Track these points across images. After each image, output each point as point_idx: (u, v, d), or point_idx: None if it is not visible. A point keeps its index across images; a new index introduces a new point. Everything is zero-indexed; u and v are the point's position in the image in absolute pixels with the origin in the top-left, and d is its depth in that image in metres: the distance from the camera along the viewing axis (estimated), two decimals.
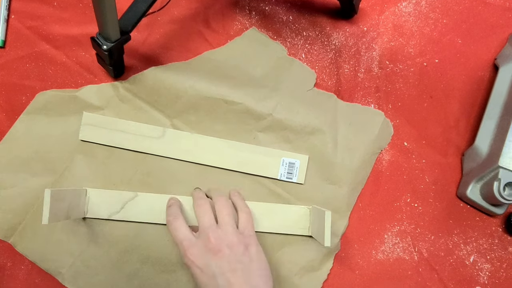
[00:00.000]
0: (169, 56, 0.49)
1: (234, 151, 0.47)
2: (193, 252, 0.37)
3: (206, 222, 0.39)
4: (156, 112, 0.47)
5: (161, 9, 0.47)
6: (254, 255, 0.38)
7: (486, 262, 0.48)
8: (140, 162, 0.46)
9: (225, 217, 0.40)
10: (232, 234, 0.38)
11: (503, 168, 0.43)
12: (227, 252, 0.37)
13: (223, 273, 0.36)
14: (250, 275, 0.37)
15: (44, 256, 0.44)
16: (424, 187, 0.49)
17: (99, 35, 0.40)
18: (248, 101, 0.47)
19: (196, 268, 0.37)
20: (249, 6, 0.52)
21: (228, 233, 0.38)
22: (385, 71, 0.51)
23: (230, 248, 0.37)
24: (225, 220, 0.39)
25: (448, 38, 0.52)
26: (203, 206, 0.40)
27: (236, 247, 0.37)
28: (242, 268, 0.37)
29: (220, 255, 0.37)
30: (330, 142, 0.48)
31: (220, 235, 0.38)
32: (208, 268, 0.36)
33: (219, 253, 0.37)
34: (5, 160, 0.45)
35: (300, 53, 0.51)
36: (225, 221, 0.39)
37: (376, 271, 0.47)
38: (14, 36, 0.48)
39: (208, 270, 0.36)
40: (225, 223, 0.39)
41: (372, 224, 0.48)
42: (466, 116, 0.51)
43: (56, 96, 0.47)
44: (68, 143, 0.46)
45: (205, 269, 0.36)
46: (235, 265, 0.36)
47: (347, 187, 0.47)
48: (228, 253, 0.37)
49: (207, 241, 0.37)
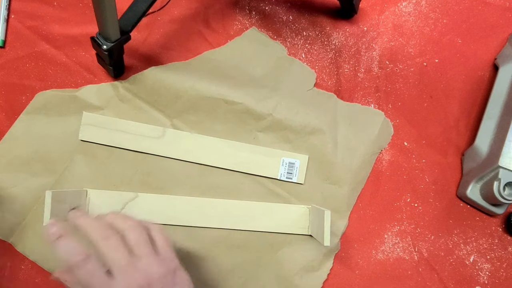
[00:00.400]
0: (169, 56, 0.49)
1: (234, 151, 0.47)
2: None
3: (122, 259, 0.31)
4: (156, 112, 0.47)
5: (161, 9, 0.47)
6: (182, 279, 0.34)
7: (486, 262, 0.48)
8: (140, 162, 0.46)
9: (143, 246, 0.32)
10: (157, 264, 0.32)
11: (503, 168, 0.43)
12: (159, 287, 0.31)
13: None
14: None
15: (45, 255, 0.44)
16: (424, 187, 0.49)
17: (99, 35, 0.40)
18: (248, 101, 0.47)
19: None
20: (249, 6, 0.52)
21: (153, 265, 0.32)
22: (385, 71, 0.51)
23: (160, 282, 0.32)
24: (143, 249, 0.32)
25: (448, 38, 0.52)
26: (111, 238, 0.31)
27: (165, 279, 0.32)
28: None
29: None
30: (330, 142, 0.48)
31: (145, 272, 0.31)
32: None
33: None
34: (5, 160, 0.45)
35: (300, 53, 0.51)
36: (143, 250, 0.32)
37: (376, 271, 0.47)
38: (14, 36, 0.48)
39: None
40: (144, 254, 0.32)
41: (372, 224, 0.48)
42: (466, 116, 0.51)
43: (56, 96, 0.47)
44: (68, 143, 0.46)
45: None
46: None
47: (347, 187, 0.47)
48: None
49: (131, 281, 0.30)
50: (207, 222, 0.45)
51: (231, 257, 0.45)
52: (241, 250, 0.46)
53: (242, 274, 0.45)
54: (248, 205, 0.46)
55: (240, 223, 0.46)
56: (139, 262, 0.31)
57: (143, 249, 0.32)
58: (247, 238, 0.46)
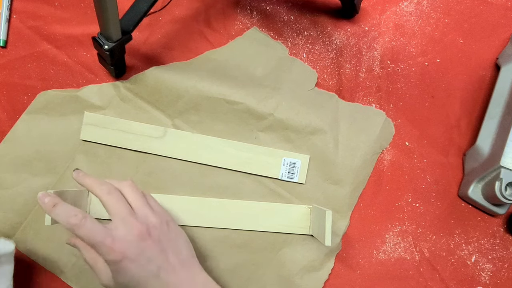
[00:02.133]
0: (170, 55, 0.49)
1: (235, 151, 0.47)
2: (122, 245, 0.33)
3: (123, 209, 0.36)
4: (157, 112, 0.47)
5: (162, 9, 0.48)
6: (177, 230, 0.39)
7: (487, 262, 0.48)
8: (141, 162, 0.46)
9: (139, 201, 0.37)
10: (152, 215, 0.37)
11: (504, 168, 0.43)
12: (156, 233, 0.36)
13: (157, 255, 0.35)
14: (179, 249, 0.38)
15: (46, 255, 0.44)
16: (425, 187, 0.49)
17: (100, 35, 0.40)
18: (249, 101, 0.47)
19: (126, 261, 0.33)
20: (250, 5, 0.52)
21: (149, 216, 0.37)
22: (387, 70, 0.51)
23: (157, 228, 0.36)
24: (140, 203, 0.37)
25: (449, 38, 0.52)
26: (113, 193, 0.36)
27: (160, 226, 0.37)
28: (172, 246, 0.37)
29: (151, 239, 0.35)
30: (331, 142, 0.48)
31: (143, 220, 0.36)
32: (142, 255, 0.34)
33: (149, 238, 0.35)
34: (6, 159, 0.45)
35: (301, 52, 0.51)
36: (140, 204, 0.37)
37: (378, 271, 0.47)
38: (15, 36, 0.48)
39: (142, 257, 0.34)
40: (141, 206, 0.37)
41: (373, 224, 0.48)
42: (467, 115, 0.51)
43: (57, 95, 0.47)
44: (69, 143, 0.46)
45: (137, 257, 0.34)
46: (165, 244, 0.36)
47: (348, 187, 0.47)
48: (157, 234, 0.36)
49: (132, 228, 0.35)
50: (208, 222, 0.45)
51: (232, 257, 0.45)
52: (242, 250, 0.46)
53: (243, 274, 0.45)
54: (249, 205, 0.46)
55: (241, 223, 0.46)
56: (137, 213, 0.36)
57: (139, 203, 0.37)
58: (248, 238, 0.46)
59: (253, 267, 0.45)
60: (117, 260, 0.33)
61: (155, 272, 0.35)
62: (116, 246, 0.33)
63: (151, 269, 0.35)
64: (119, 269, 0.34)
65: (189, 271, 0.37)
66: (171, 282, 0.35)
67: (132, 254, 0.34)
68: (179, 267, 0.36)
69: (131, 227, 0.35)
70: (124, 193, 0.38)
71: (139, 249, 0.34)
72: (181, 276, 0.36)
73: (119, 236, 0.34)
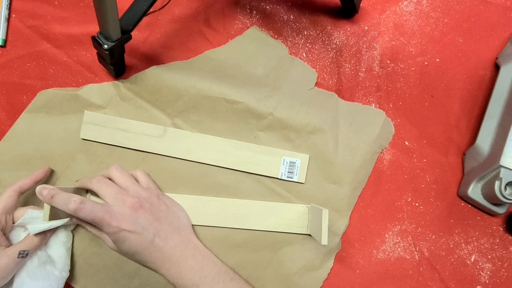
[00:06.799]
0: (170, 55, 0.49)
1: (234, 150, 0.47)
2: (118, 218, 0.38)
3: (113, 190, 0.40)
4: (157, 111, 0.47)
5: (162, 8, 0.48)
6: (168, 202, 0.43)
7: (487, 261, 0.48)
8: (141, 161, 0.46)
9: (127, 180, 0.41)
10: (142, 190, 0.41)
11: (504, 168, 0.43)
12: (147, 205, 0.40)
13: (151, 224, 0.39)
14: (171, 218, 0.42)
15: None
16: (425, 186, 0.49)
17: (100, 35, 0.40)
18: (249, 100, 0.47)
19: (124, 232, 0.38)
20: (250, 5, 0.52)
21: (139, 191, 0.41)
22: (386, 70, 0.51)
23: (148, 201, 0.40)
24: (129, 182, 0.41)
25: (449, 37, 0.52)
26: (102, 180, 0.41)
27: (151, 199, 0.41)
28: (165, 215, 0.41)
29: (143, 210, 0.39)
30: (331, 142, 0.48)
31: (133, 194, 0.40)
32: (137, 225, 0.38)
33: (141, 208, 0.39)
34: (6, 158, 0.45)
35: (301, 52, 0.51)
36: (129, 183, 0.41)
37: (377, 270, 0.47)
38: (15, 35, 0.48)
39: (137, 227, 0.38)
40: (130, 185, 0.41)
41: (373, 223, 0.48)
42: (467, 115, 0.51)
43: (57, 94, 0.47)
44: (69, 142, 0.46)
45: (133, 227, 0.38)
46: (158, 214, 0.40)
47: (348, 187, 0.47)
48: (148, 206, 0.40)
49: (124, 203, 0.39)
50: (208, 221, 0.45)
51: (231, 256, 0.45)
52: (242, 249, 0.46)
53: (243, 273, 0.45)
54: (248, 204, 0.46)
55: (240, 222, 0.46)
56: (128, 191, 0.41)
57: (128, 183, 0.41)
58: (247, 237, 0.46)
59: (253, 266, 0.45)
60: (115, 232, 0.38)
61: (151, 238, 0.39)
62: (113, 220, 0.37)
63: (147, 236, 0.39)
64: (119, 239, 0.38)
65: (182, 237, 0.41)
66: (165, 247, 0.39)
67: (128, 225, 0.38)
68: (172, 234, 0.40)
69: (123, 202, 0.39)
70: (113, 178, 0.42)
71: (133, 219, 0.38)
72: (175, 241, 0.40)
73: (114, 212, 0.38)
